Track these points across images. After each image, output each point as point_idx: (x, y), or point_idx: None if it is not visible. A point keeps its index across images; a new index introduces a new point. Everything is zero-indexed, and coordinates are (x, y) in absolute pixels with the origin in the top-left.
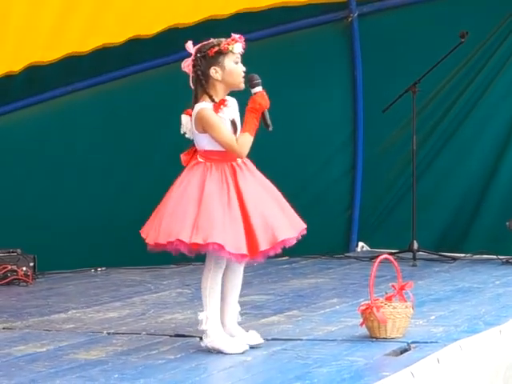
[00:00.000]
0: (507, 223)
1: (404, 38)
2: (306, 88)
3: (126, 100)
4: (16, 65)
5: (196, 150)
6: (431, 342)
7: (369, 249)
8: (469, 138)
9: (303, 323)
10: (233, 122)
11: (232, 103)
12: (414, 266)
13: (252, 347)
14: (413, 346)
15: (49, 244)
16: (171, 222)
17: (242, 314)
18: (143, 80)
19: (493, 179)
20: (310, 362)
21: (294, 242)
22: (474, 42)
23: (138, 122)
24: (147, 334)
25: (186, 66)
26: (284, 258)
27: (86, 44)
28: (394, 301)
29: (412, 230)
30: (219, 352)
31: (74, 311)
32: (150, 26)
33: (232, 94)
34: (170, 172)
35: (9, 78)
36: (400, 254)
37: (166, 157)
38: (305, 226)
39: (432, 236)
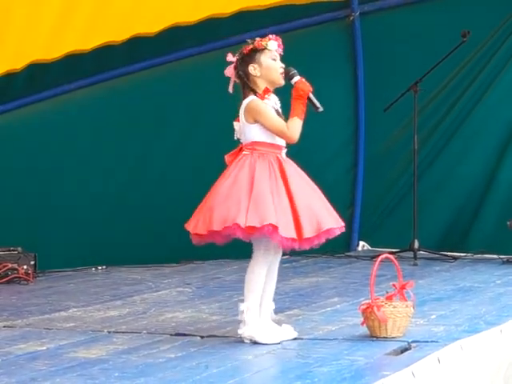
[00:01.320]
0: (508, 223)
1: (406, 37)
2: None
3: (128, 98)
4: (18, 63)
5: (241, 149)
6: (432, 342)
7: (370, 248)
8: (470, 137)
9: (304, 322)
10: (277, 112)
11: (274, 97)
12: (414, 265)
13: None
14: (413, 345)
15: (49, 242)
16: (225, 208)
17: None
18: (145, 78)
19: (494, 179)
20: (311, 361)
21: (337, 233)
22: (475, 42)
23: (139, 120)
24: (148, 333)
25: (229, 70)
26: (285, 257)
27: (88, 42)
28: (395, 300)
29: (413, 229)
30: (255, 342)
31: (75, 310)
32: (152, 24)
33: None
34: (172, 170)
35: (11, 75)
36: (401, 254)
37: (168, 155)
38: (343, 223)
39: (433, 235)
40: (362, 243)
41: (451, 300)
